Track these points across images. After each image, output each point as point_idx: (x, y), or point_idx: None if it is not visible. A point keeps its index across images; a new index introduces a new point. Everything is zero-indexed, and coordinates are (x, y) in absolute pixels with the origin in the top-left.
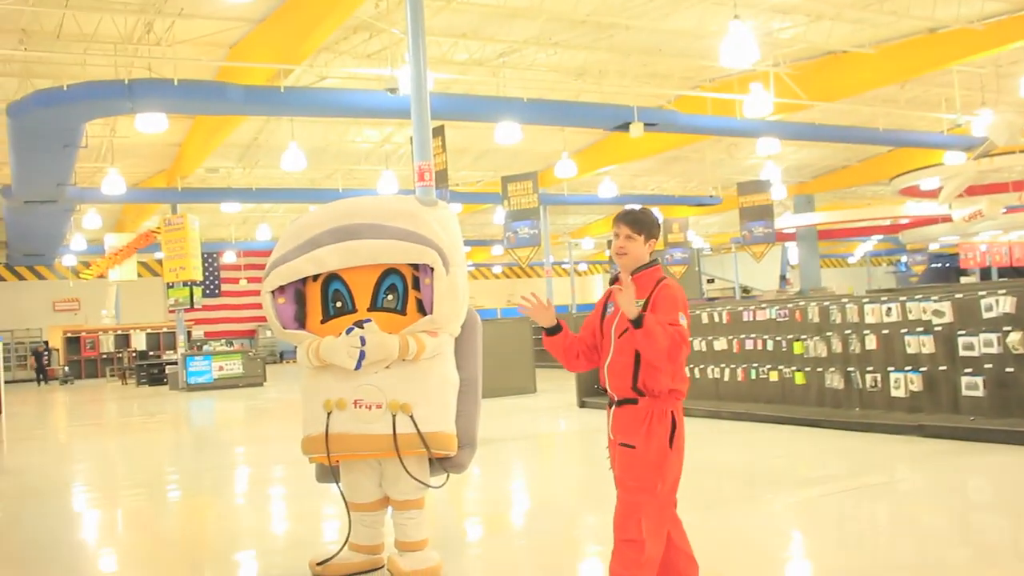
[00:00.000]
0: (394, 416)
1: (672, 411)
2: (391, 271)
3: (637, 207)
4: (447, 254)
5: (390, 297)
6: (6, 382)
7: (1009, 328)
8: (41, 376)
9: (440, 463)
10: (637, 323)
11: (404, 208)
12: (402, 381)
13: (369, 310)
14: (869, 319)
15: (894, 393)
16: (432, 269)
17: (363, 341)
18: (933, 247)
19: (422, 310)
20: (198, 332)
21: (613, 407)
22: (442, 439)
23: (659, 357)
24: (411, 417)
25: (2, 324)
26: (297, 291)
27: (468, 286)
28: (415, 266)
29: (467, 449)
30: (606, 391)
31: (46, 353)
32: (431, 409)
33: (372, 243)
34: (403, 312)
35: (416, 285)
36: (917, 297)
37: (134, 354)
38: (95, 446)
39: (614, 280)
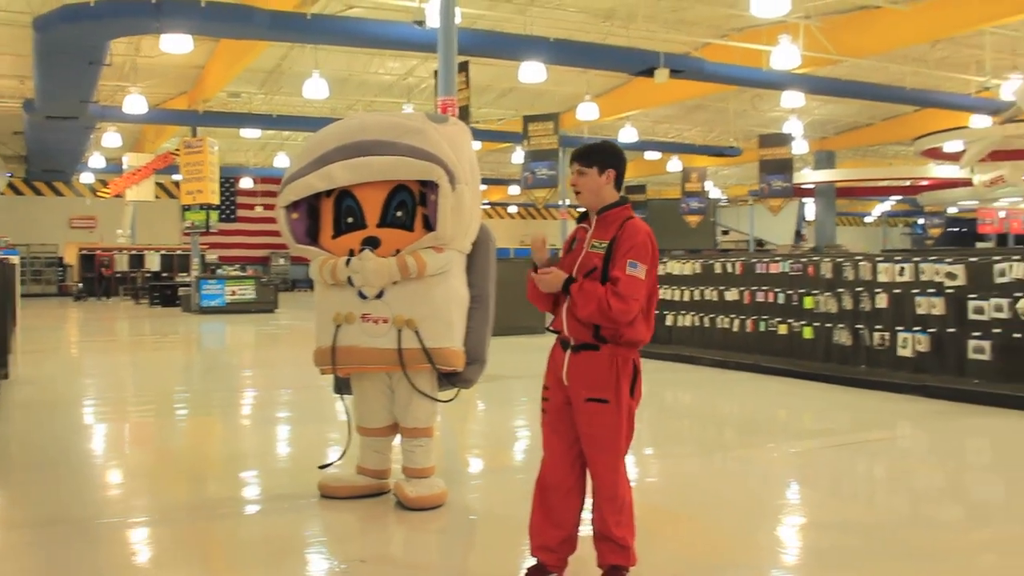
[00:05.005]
0: (399, 331)
1: (633, 359)
2: (401, 187)
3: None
4: (454, 171)
5: (399, 213)
6: (22, 295)
7: (1020, 294)
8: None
9: (448, 379)
10: (564, 290)
11: (413, 125)
12: (408, 298)
13: (379, 226)
14: (881, 277)
15: (901, 352)
16: (438, 186)
17: (351, 280)
18: (951, 211)
19: (429, 226)
20: (212, 256)
21: (568, 351)
22: (447, 355)
23: (591, 319)
24: (416, 332)
25: (19, 238)
26: (311, 207)
27: (479, 204)
28: (424, 183)
29: (476, 365)
30: (558, 332)
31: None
32: (436, 325)
33: (380, 159)
34: (411, 228)
35: (424, 201)
36: (931, 258)
37: (148, 275)
38: (107, 361)
39: (582, 218)
